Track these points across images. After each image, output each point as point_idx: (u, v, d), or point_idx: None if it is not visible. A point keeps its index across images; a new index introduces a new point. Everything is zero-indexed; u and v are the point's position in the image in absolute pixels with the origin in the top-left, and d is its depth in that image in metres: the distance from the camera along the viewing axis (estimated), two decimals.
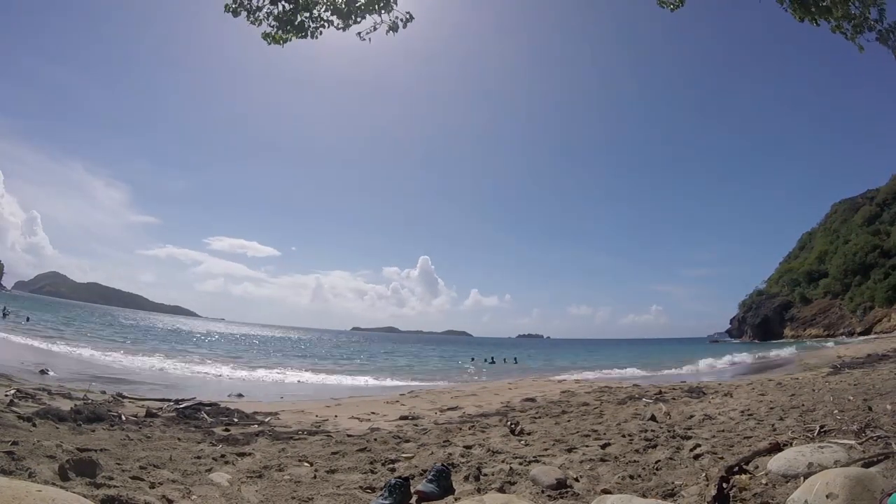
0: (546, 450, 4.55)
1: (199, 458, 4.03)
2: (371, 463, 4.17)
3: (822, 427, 4.26)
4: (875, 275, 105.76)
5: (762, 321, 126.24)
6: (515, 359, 36.40)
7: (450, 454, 4.37)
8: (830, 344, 47.70)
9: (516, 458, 4.22)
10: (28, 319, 32.94)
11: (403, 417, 7.13)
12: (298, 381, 16.01)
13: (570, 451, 4.47)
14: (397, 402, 9.45)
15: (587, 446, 4.63)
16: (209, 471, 3.63)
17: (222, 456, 4.14)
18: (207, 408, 6.80)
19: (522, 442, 5.02)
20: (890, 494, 2.00)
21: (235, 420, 6.24)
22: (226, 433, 5.27)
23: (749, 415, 5.98)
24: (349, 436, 5.51)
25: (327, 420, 6.95)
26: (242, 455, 4.24)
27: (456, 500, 3.07)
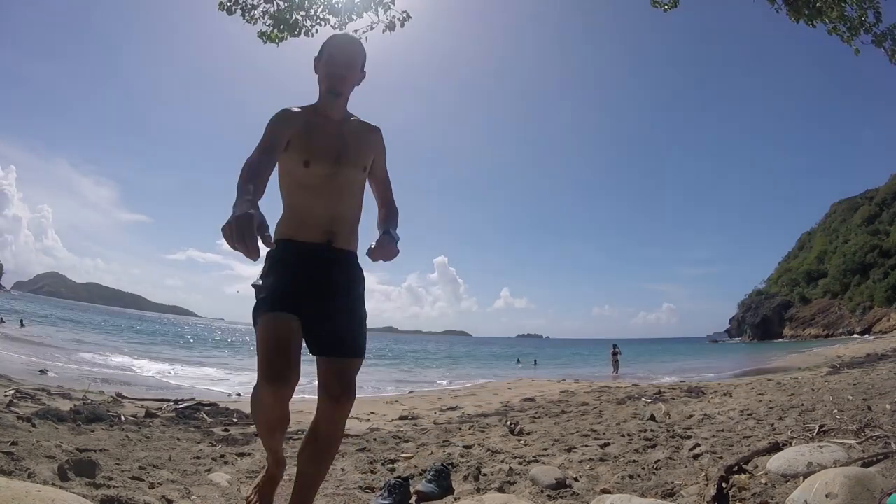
0: (545, 449, 4.56)
1: (198, 458, 4.03)
2: (370, 463, 4.17)
3: (821, 427, 4.27)
4: (874, 274, 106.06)
5: (761, 321, 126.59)
6: (535, 361, 37.47)
7: (449, 454, 4.38)
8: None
9: (516, 457, 4.22)
10: (22, 324, 32.07)
11: (403, 417, 7.13)
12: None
13: (569, 450, 4.47)
14: (397, 401, 9.46)
15: (586, 446, 4.63)
16: (208, 471, 3.64)
17: (221, 456, 4.14)
18: (207, 408, 6.81)
19: (522, 442, 5.02)
20: (889, 494, 2.00)
21: (235, 420, 6.24)
22: (225, 433, 5.27)
23: (748, 414, 5.99)
24: (348, 436, 5.51)
25: None
26: (242, 455, 4.24)
27: (455, 499, 3.08)
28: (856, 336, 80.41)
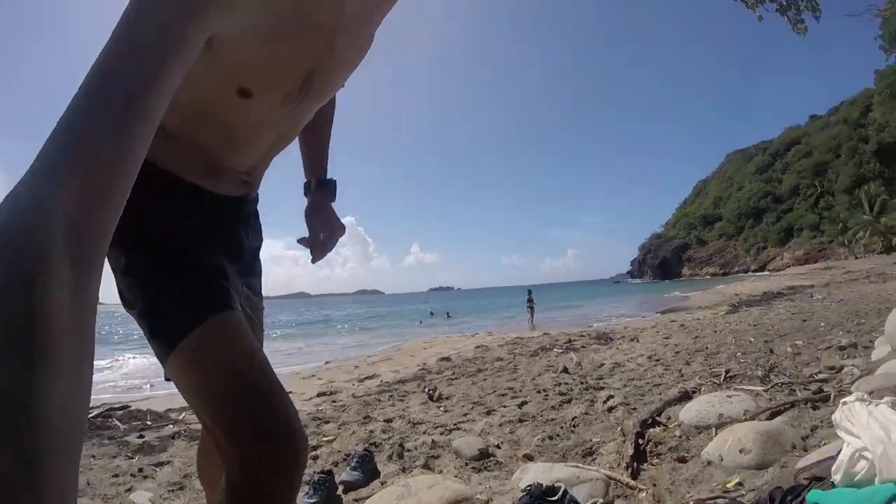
0: (465, 415, 4.57)
1: (116, 476, 3.65)
2: None
3: (727, 372, 4.53)
4: (767, 218, 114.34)
5: (661, 262, 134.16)
6: (448, 313, 37.83)
7: (371, 431, 4.30)
8: None
9: (437, 427, 4.20)
10: None
11: (321, 394, 6.93)
12: None
13: (488, 413, 4.51)
14: (314, 375, 9.23)
15: (504, 406, 4.70)
16: (129, 490, 3.33)
17: (140, 470, 3.77)
18: (119, 412, 6.12)
19: (441, 408, 5.02)
20: (810, 479, 2.00)
21: (149, 422, 5.65)
22: (140, 440, 4.77)
23: (656, 360, 6.26)
24: None
25: None
26: (160, 465, 3.90)
27: (382, 484, 3.01)
28: (751, 273, 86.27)
